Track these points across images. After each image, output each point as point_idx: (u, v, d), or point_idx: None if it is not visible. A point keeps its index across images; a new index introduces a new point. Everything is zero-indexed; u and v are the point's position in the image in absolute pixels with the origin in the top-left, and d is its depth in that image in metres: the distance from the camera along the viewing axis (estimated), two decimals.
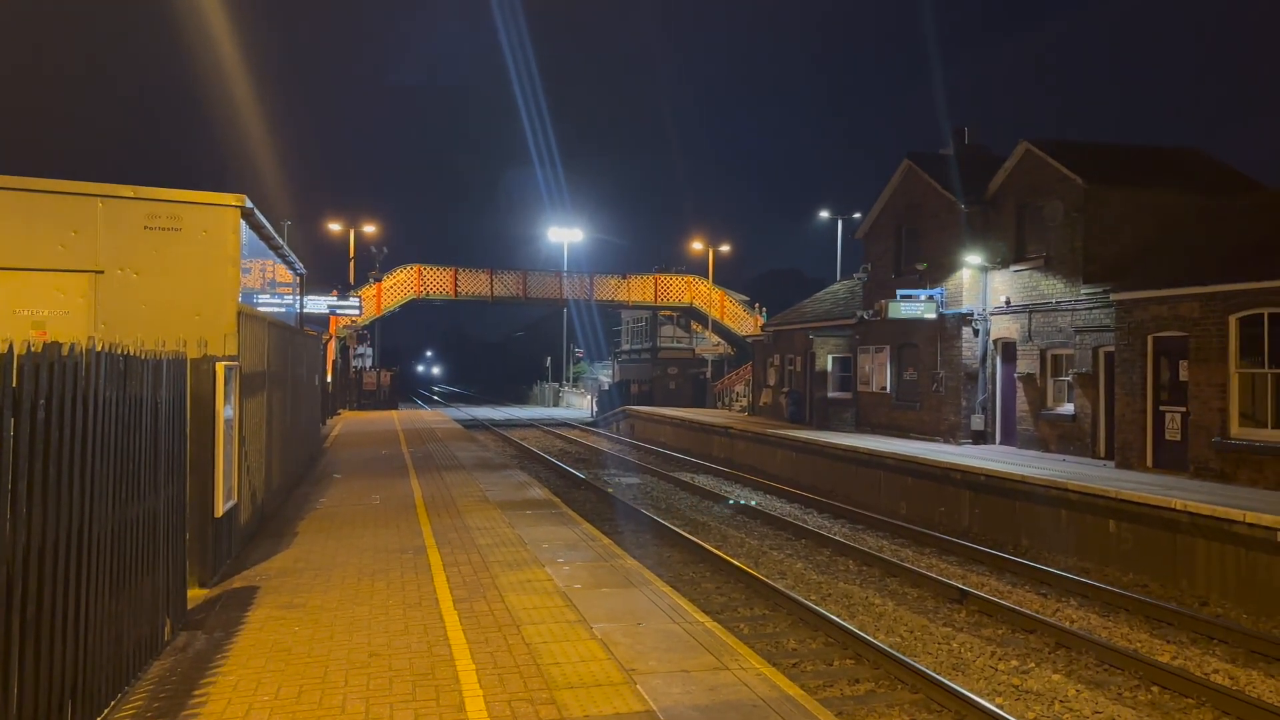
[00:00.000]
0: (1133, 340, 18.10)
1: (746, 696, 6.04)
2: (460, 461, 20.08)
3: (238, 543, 10.37)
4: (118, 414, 5.82)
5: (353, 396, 41.71)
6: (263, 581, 9.11)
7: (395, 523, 12.29)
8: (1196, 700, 8.70)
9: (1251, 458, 15.54)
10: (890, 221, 26.62)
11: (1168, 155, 23.31)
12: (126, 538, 6.03)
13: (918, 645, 10.39)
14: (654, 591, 8.76)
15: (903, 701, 8.62)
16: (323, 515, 12.96)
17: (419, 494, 14.92)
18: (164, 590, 7.02)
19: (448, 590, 8.69)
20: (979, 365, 23.26)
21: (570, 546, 10.84)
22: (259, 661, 6.68)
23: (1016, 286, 22.14)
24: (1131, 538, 14.16)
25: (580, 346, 76.79)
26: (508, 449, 33.46)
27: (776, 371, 34.23)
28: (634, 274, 46.33)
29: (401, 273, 42.11)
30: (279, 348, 13.59)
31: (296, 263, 17.71)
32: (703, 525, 17.97)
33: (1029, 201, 21.78)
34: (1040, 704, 8.66)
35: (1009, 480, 16.77)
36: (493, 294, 43.71)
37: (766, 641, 10.32)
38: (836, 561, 14.73)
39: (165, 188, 9.77)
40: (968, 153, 25.83)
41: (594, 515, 18.07)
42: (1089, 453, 19.84)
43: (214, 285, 9.73)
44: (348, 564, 9.83)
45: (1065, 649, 10.20)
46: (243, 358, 10.00)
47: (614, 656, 6.78)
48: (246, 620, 7.73)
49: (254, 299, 13.57)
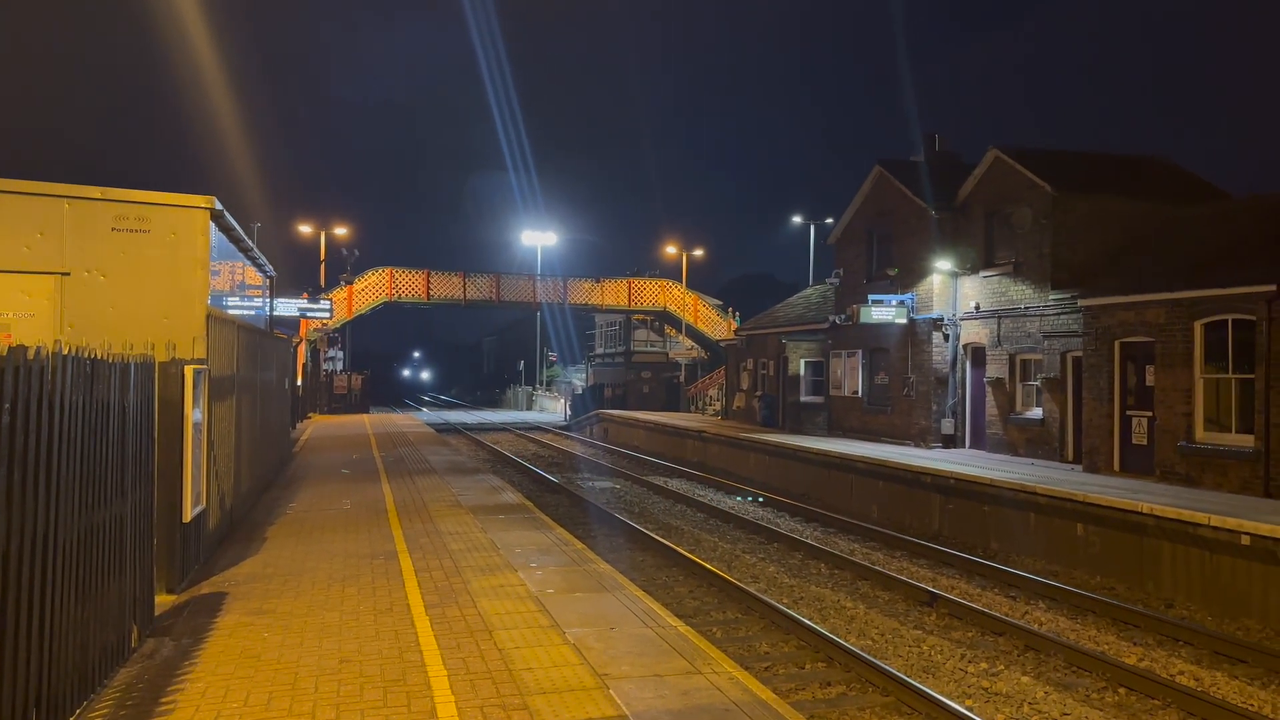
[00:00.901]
0: (1100, 345, 18.33)
1: (719, 700, 6.05)
2: (432, 466, 19.97)
3: (206, 548, 10.26)
4: (84, 418, 5.74)
5: (323, 400, 41.40)
6: (232, 587, 9.01)
7: (366, 527, 12.20)
8: (1162, 701, 8.81)
9: (1216, 461, 15.78)
10: (862, 227, 26.80)
11: (1134, 163, 23.64)
12: (92, 543, 5.95)
13: (889, 648, 10.45)
14: (627, 596, 8.75)
15: (874, 704, 8.67)
16: (293, 520, 12.84)
17: (390, 498, 14.82)
18: (131, 596, 6.93)
19: (419, 595, 8.64)
20: (949, 370, 23.46)
21: (543, 551, 10.81)
22: (228, 668, 6.60)
23: (986, 292, 22.36)
24: (1099, 541, 14.33)
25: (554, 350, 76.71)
26: (480, 453, 33.33)
27: (749, 376, 34.34)
28: (608, 278, 46.34)
29: (373, 275, 41.86)
30: (248, 351, 13.47)
31: (266, 265, 17.56)
32: (676, 529, 17.99)
33: (998, 208, 22.01)
34: (1009, 706, 8.74)
35: (979, 484, 16.93)
36: (466, 297, 43.54)
37: (739, 645, 10.34)
38: (809, 565, 14.79)
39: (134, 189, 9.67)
40: (938, 159, 26.06)
41: (567, 520, 18.03)
42: (1057, 456, 20.06)
43: (183, 288, 9.64)
44: (318, 569, 9.75)
45: (1034, 651, 10.30)
46: (211, 361, 9.90)
47: (587, 661, 6.77)
48: (215, 626, 7.65)
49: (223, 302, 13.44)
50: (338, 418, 38.00)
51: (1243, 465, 15.29)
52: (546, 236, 56.22)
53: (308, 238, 45.62)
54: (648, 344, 54.08)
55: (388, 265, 42.17)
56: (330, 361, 45.77)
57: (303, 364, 36.76)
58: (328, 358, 45.21)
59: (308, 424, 33.46)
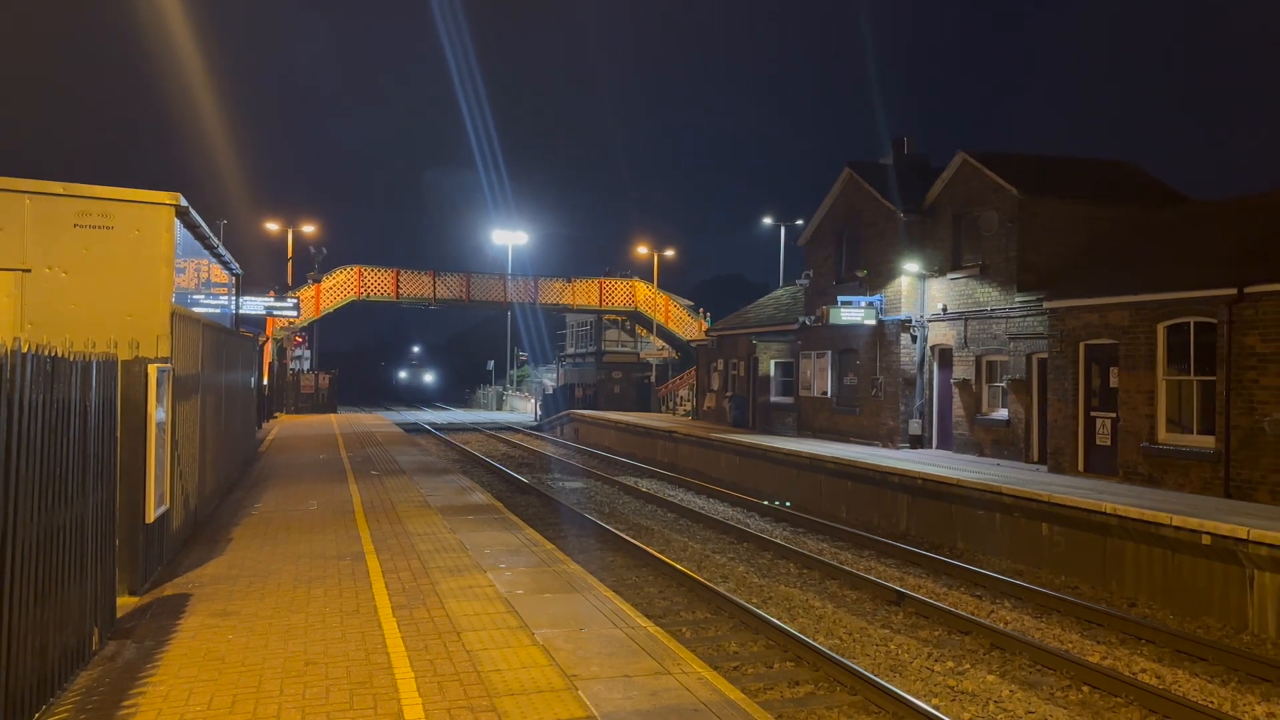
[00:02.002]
0: (1065, 347, 18.56)
1: (688, 701, 6.05)
2: (401, 466, 19.84)
3: (170, 549, 10.12)
4: (44, 417, 5.64)
5: (290, 400, 41.00)
6: (196, 589, 8.90)
7: (333, 528, 12.10)
8: (1125, 699, 8.93)
9: (1178, 462, 16.02)
10: (832, 229, 26.96)
11: (1099, 167, 23.96)
12: (52, 545, 5.85)
13: (856, 647, 10.51)
14: (597, 596, 8.74)
15: (841, 703, 8.71)
16: (258, 521, 12.71)
17: (358, 499, 14.71)
18: (92, 598, 6.82)
19: (386, 597, 8.58)
20: (917, 371, 23.65)
21: (513, 552, 10.77)
22: (191, 671, 6.52)
23: (953, 294, 22.56)
24: (1063, 540, 14.50)
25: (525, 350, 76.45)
26: (450, 453, 33.15)
27: (720, 376, 34.42)
28: (579, 278, 46.26)
29: (341, 274, 41.51)
30: (213, 349, 13.31)
31: (232, 263, 17.36)
32: (646, 529, 17.99)
33: (965, 211, 22.22)
34: (975, 705, 8.82)
35: (945, 484, 17.07)
36: (435, 296, 43.29)
37: (709, 645, 10.36)
38: (778, 565, 14.85)
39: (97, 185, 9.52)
40: (907, 163, 26.29)
41: (537, 520, 17.98)
42: (1022, 457, 20.28)
43: (147, 285, 9.49)
44: (284, 571, 9.65)
45: (1000, 650, 10.40)
46: (176, 360, 9.77)
47: (556, 662, 6.75)
48: (178, 628, 7.55)
49: (188, 300, 13.27)
50: (305, 417, 37.64)
51: (1204, 466, 15.54)
52: (517, 236, 56.00)
53: (275, 235, 45.19)
54: (619, 344, 54.03)
55: (356, 264, 41.87)
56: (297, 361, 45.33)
57: (269, 363, 36.38)
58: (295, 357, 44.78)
59: (274, 424, 33.12)
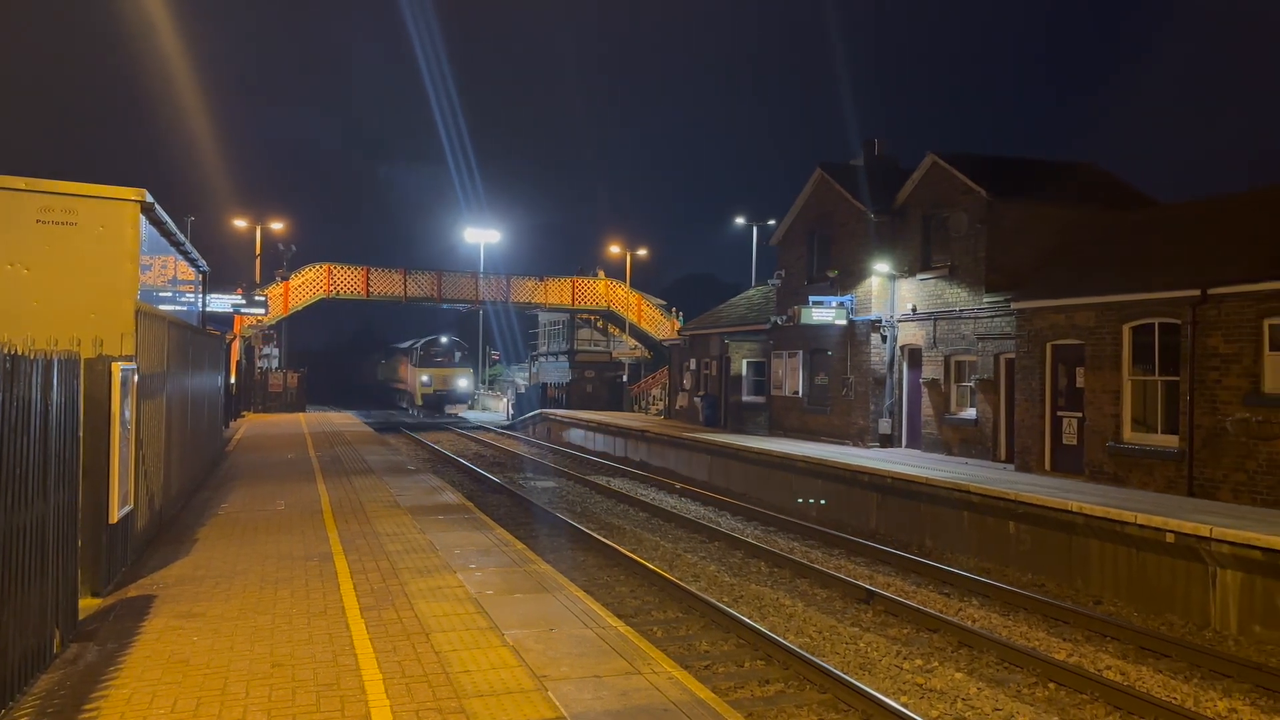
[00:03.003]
0: (1032, 348, 18.75)
1: (658, 700, 6.05)
2: (370, 466, 19.70)
3: (134, 550, 9.98)
4: (4, 416, 5.54)
5: (258, 399, 40.59)
6: (160, 590, 8.78)
7: (301, 529, 11.98)
8: (1090, 696, 9.03)
9: (1143, 461, 16.24)
10: (803, 229, 27.07)
11: (1066, 169, 24.22)
12: (12, 546, 5.74)
13: (826, 645, 10.56)
14: (568, 597, 8.72)
15: (811, 701, 8.75)
16: (224, 521, 12.57)
17: (326, 499, 14.58)
18: (53, 600, 6.71)
19: (354, 598, 8.51)
20: (887, 371, 23.80)
21: (483, 552, 10.72)
22: (154, 673, 6.43)
23: (923, 295, 22.73)
24: (1030, 539, 14.65)
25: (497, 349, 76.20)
26: (421, 453, 32.96)
27: (692, 375, 34.47)
28: (551, 276, 46.17)
29: (310, 271, 41.16)
30: (180, 348, 13.14)
31: (199, 260, 17.16)
32: (618, 529, 17.98)
33: (935, 212, 22.39)
34: (944, 702, 8.89)
35: (914, 483, 17.20)
36: (406, 294, 43.04)
37: (680, 644, 10.37)
38: (749, 564, 14.89)
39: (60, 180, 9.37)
40: (877, 164, 26.45)
41: (508, 520, 17.92)
42: (990, 456, 20.47)
43: (111, 283, 9.35)
44: (250, 571, 9.55)
45: (967, 648, 10.49)
46: (141, 358, 9.64)
47: (525, 663, 6.73)
48: (142, 630, 7.44)
49: (154, 297, 13.10)
50: (273, 417, 37.28)
51: (1168, 465, 15.76)
52: (489, 234, 55.76)
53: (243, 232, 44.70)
54: (591, 343, 53.96)
55: (326, 261, 41.53)
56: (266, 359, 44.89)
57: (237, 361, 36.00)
58: (263, 355, 44.34)
59: (242, 423, 32.78)
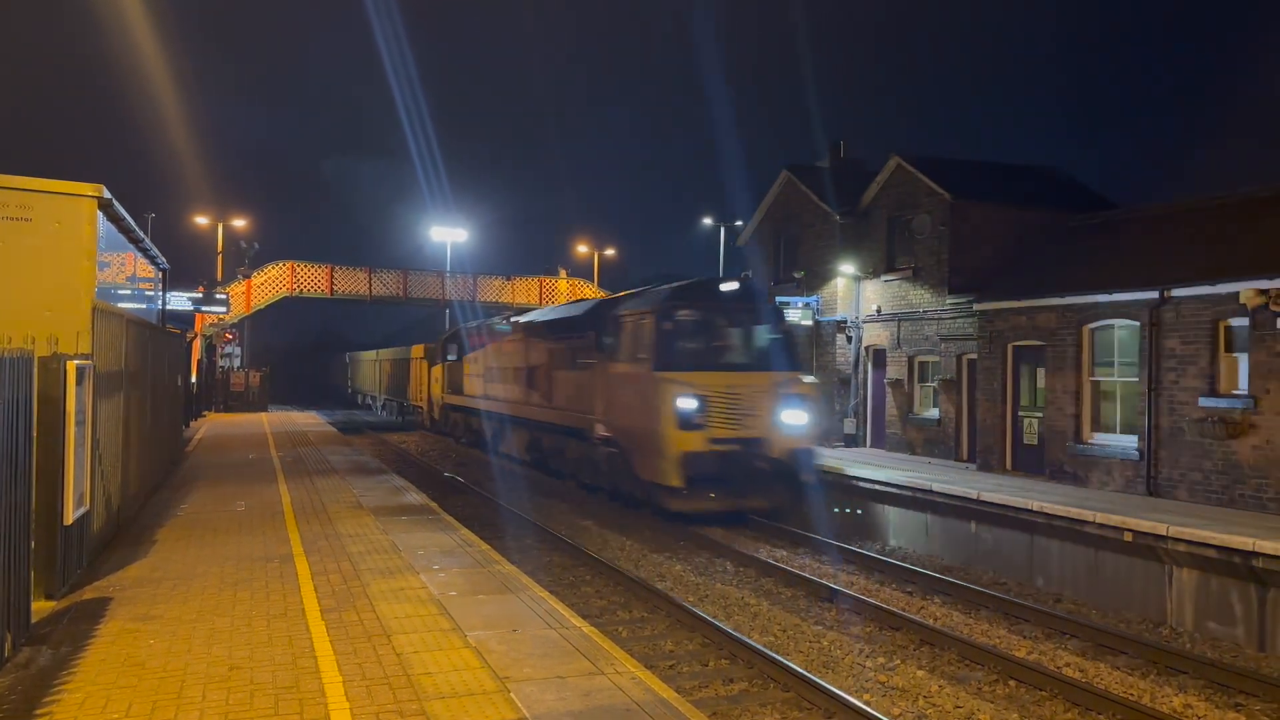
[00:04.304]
0: (994, 348, 18.97)
1: (620, 701, 6.04)
2: (333, 466, 19.51)
3: (90, 552, 9.81)
4: None
5: (220, 398, 40.08)
6: (117, 592, 8.64)
7: (261, 530, 11.84)
8: (1050, 693, 9.15)
9: (1103, 461, 16.48)
10: (770, 230, 27.20)
11: (1027, 172, 24.56)
12: None
13: (790, 644, 10.60)
14: (532, 597, 8.69)
15: (775, 700, 8.78)
16: (184, 522, 12.39)
17: (287, 500, 14.42)
18: (4, 603, 6.57)
19: (315, 600, 8.42)
20: (852, 371, 23.98)
21: (447, 553, 10.66)
22: (109, 677, 6.32)
23: (887, 296, 22.92)
24: (991, 538, 14.82)
25: None
26: (385, 453, 32.67)
27: None
28: (519, 275, 46.00)
29: (273, 269, 40.68)
30: (138, 346, 12.94)
31: (159, 257, 16.91)
32: (584, 529, 17.94)
33: (899, 214, 22.59)
34: (905, 700, 8.95)
35: (878, 482, 17.32)
36: (371, 293, 42.68)
37: (645, 644, 10.36)
38: (714, 563, 14.91)
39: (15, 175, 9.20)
40: (843, 166, 26.65)
41: (473, 520, 17.80)
42: (953, 456, 20.68)
43: (67, 280, 9.20)
44: (209, 573, 9.42)
45: (929, 646, 10.58)
46: (98, 356, 9.48)
47: (488, 664, 6.69)
48: (97, 633, 7.32)
49: (113, 295, 12.89)
50: (235, 416, 36.82)
51: (1127, 465, 16.01)
52: (456, 233, 55.35)
53: (205, 230, 44.12)
54: None
55: (289, 259, 41.08)
56: (227, 358, 44.32)
57: (197, 360, 35.51)
58: (225, 354, 43.77)
59: (202, 422, 32.35)
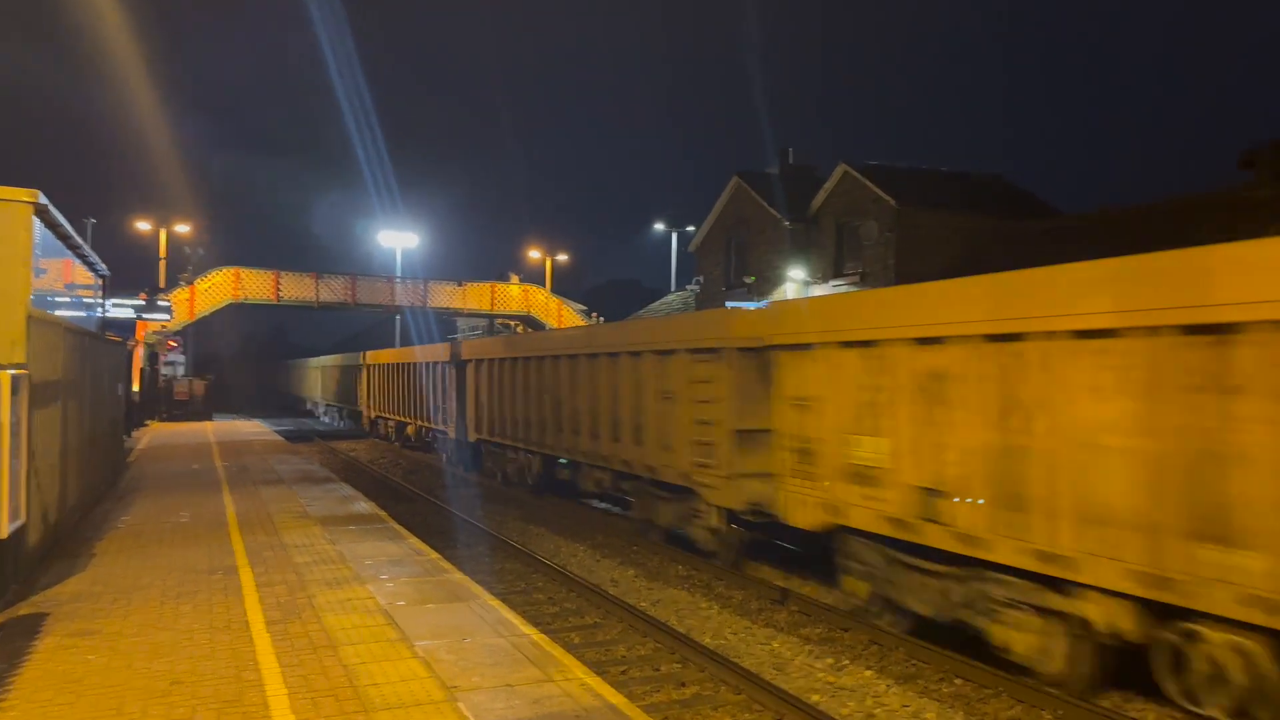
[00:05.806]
0: None
1: (570, 708, 6.03)
2: (280, 475, 19.23)
3: (26, 566, 9.57)
4: None
5: (163, 407, 39.30)
6: (54, 607, 8.43)
7: (205, 541, 11.64)
8: (994, 690, 9.30)
9: None
10: (721, 236, 27.38)
11: (974, 180, 25.01)
12: None
13: (742, 646, 10.66)
14: (482, 605, 8.64)
15: (726, 703, 8.82)
16: (125, 534, 12.13)
17: (232, 510, 14.19)
18: None
19: (260, 611, 8.29)
20: None
21: (395, 562, 10.56)
22: (46, 694, 6.17)
23: None
24: None
25: None
26: (333, 461, 32.26)
27: None
28: (471, 281, 45.78)
29: (217, 275, 40.02)
30: (76, 354, 12.65)
31: (99, 264, 16.57)
32: (537, 535, 17.87)
33: (847, 221, 22.88)
34: (854, 700, 9.05)
35: None
36: (318, 299, 42.19)
37: (598, 650, 10.34)
38: (667, 568, 14.94)
39: None
40: (793, 172, 26.93)
41: (423, 529, 17.64)
42: None
43: (1, 287, 8.98)
44: (151, 586, 9.24)
45: (878, 646, 10.69)
46: (33, 365, 9.26)
47: (436, 674, 6.64)
48: (33, 650, 7.14)
49: (49, 302, 12.59)
50: (179, 426, 36.13)
51: None
52: (406, 238, 54.94)
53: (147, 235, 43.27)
54: None
55: (234, 265, 40.45)
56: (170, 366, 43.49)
57: (140, 369, 34.79)
58: (168, 362, 42.94)
59: (145, 432, 31.70)
